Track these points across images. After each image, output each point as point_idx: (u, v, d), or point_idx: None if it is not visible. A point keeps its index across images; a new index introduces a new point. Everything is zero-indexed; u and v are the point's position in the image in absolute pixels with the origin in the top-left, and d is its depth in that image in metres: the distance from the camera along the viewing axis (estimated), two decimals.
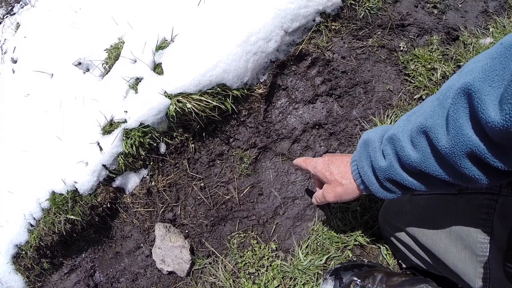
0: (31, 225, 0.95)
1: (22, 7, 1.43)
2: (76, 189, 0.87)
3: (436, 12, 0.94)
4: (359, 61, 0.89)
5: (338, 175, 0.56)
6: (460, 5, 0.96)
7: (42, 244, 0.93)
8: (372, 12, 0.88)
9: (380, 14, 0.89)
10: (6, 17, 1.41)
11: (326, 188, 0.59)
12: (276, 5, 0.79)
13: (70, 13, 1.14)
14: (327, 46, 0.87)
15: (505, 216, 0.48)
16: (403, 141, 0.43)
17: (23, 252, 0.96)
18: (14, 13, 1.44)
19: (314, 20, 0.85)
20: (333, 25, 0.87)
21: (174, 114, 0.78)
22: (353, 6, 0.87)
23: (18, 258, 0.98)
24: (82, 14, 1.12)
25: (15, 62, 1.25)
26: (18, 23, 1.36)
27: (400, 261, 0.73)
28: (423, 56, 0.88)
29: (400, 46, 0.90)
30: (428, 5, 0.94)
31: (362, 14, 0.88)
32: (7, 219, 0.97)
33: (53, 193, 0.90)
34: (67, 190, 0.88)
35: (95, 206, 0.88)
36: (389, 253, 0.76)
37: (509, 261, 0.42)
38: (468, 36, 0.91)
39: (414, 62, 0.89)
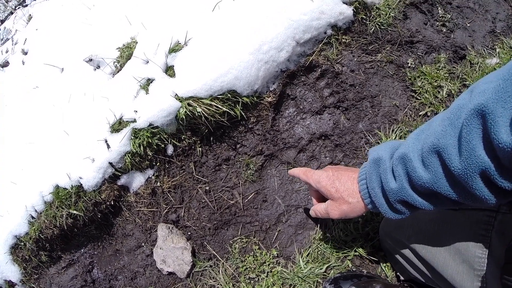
0: (32, 217, 0.95)
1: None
2: (81, 184, 0.87)
3: (444, 30, 0.96)
4: (367, 75, 0.91)
5: (344, 192, 0.54)
6: (468, 25, 0.98)
7: (42, 236, 0.93)
8: (382, 27, 0.90)
9: (390, 30, 0.91)
10: (18, 8, 1.41)
11: (331, 205, 0.57)
12: (289, 16, 0.81)
13: (84, 9, 1.15)
14: (336, 59, 0.89)
15: (503, 232, 0.50)
16: (414, 162, 0.43)
17: (22, 244, 0.96)
18: (27, 5, 1.44)
19: (325, 33, 0.87)
20: (343, 38, 0.88)
21: (184, 117, 0.79)
22: (364, 21, 0.89)
23: (16, 249, 0.98)
24: (96, 11, 1.13)
25: (25, 53, 1.26)
26: (30, 15, 1.37)
27: (398, 274, 0.75)
28: (430, 74, 0.90)
29: (408, 63, 0.92)
30: (437, 23, 0.96)
31: (373, 29, 0.89)
32: (8, 210, 0.97)
33: (57, 187, 0.90)
34: (72, 185, 0.88)
35: (98, 203, 0.89)
36: (388, 265, 0.77)
37: (507, 274, 0.43)
38: (475, 55, 0.93)
39: (421, 79, 0.91)
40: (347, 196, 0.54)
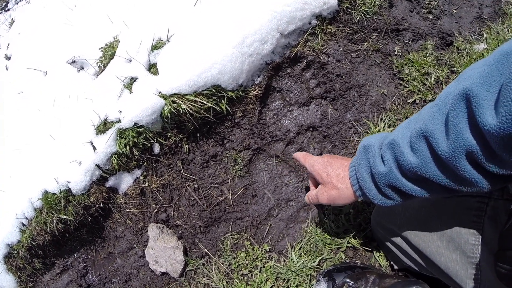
0: (23, 225, 0.94)
1: (17, 3, 1.42)
2: (69, 188, 0.86)
3: (431, 17, 0.95)
4: (354, 65, 0.90)
5: (334, 178, 0.55)
6: (455, 11, 0.97)
7: (34, 243, 0.92)
8: (367, 16, 0.89)
9: (375, 18, 0.90)
10: (1, 13, 1.39)
11: (320, 189, 0.58)
12: (272, 7, 0.80)
13: (65, 10, 1.13)
14: (322, 49, 0.88)
15: (496, 218, 0.49)
16: (403, 147, 0.43)
17: (15, 252, 0.95)
18: (9, 9, 1.42)
19: (310, 23, 0.86)
20: (328, 28, 0.87)
21: (169, 115, 0.78)
22: (349, 10, 0.88)
23: (9, 258, 0.97)
24: (77, 11, 1.11)
25: (8, 58, 1.24)
26: (12, 19, 1.35)
27: (392, 263, 0.74)
28: (418, 61, 0.89)
29: (395, 51, 0.91)
30: (423, 10, 0.95)
31: (358, 18, 0.88)
32: None
33: (46, 192, 0.89)
34: (60, 190, 0.87)
35: (88, 206, 0.88)
36: (381, 255, 0.77)
37: (501, 261, 0.43)
38: (462, 41, 0.92)
39: (409, 66, 0.90)
40: (336, 181, 0.55)
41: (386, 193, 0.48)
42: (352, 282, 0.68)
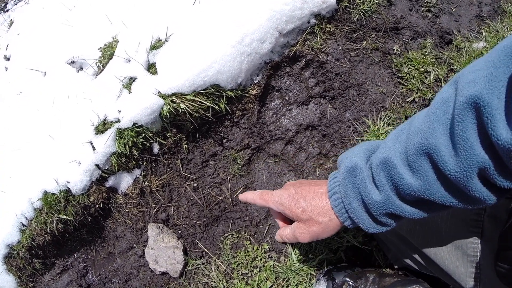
0: (23, 225, 0.94)
1: (16, 4, 1.42)
2: (69, 188, 0.86)
3: (430, 16, 0.95)
4: (353, 64, 0.90)
5: (313, 212, 0.45)
6: (454, 9, 0.97)
7: (34, 244, 0.92)
8: (366, 15, 0.89)
9: (374, 17, 0.90)
10: (0, 13, 1.39)
11: (298, 228, 0.48)
12: (271, 7, 0.79)
13: (64, 10, 1.13)
14: (321, 48, 0.88)
15: (496, 216, 0.48)
16: (399, 167, 0.37)
17: (15, 252, 0.95)
18: (8, 10, 1.42)
19: (308, 22, 0.85)
20: (327, 27, 0.87)
21: (168, 114, 0.78)
22: (348, 9, 0.88)
23: (10, 258, 0.97)
24: (76, 12, 1.11)
25: (8, 59, 1.24)
26: (11, 20, 1.35)
27: (392, 262, 0.74)
28: (417, 59, 0.89)
29: (394, 49, 0.91)
30: (422, 8, 0.95)
31: (357, 17, 0.88)
32: None
33: (46, 192, 0.89)
34: (60, 190, 0.87)
35: (87, 206, 0.88)
36: (381, 254, 0.77)
37: (501, 261, 0.42)
38: (462, 40, 0.92)
39: (408, 65, 0.90)
40: (316, 215, 0.45)
41: (383, 221, 0.42)
42: (352, 281, 0.68)
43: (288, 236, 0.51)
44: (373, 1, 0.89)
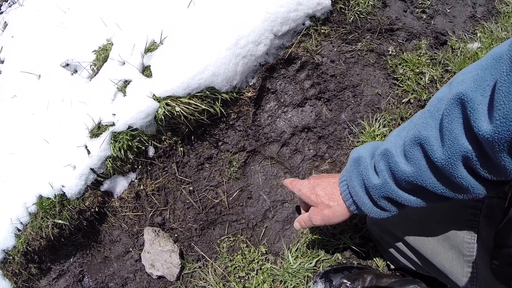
0: (18, 230, 0.93)
1: (10, 6, 1.41)
2: (64, 193, 0.86)
3: (424, 17, 0.95)
4: (348, 65, 0.90)
5: (325, 197, 0.53)
6: (448, 11, 0.97)
7: (29, 249, 0.92)
8: (361, 16, 0.89)
9: (369, 19, 0.90)
10: None
11: (312, 211, 0.56)
12: (266, 8, 0.79)
13: (59, 13, 1.12)
14: (316, 50, 0.88)
15: (491, 216, 0.49)
16: (396, 156, 0.42)
17: (10, 257, 0.95)
18: (2, 12, 1.41)
19: (303, 24, 0.85)
20: (322, 29, 0.87)
21: (163, 118, 0.78)
22: (343, 10, 0.88)
23: (5, 264, 0.97)
24: (71, 14, 1.10)
25: (2, 62, 1.23)
26: (5, 22, 1.34)
27: (389, 263, 0.74)
28: (412, 61, 0.89)
29: (389, 50, 0.91)
30: (417, 10, 0.95)
31: (352, 18, 0.88)
32: None
33: (41, 197, 0.88)
34: (55, 194, 0.86)
35: (83, 210, 0.87)
36: (378, 255, 0.77)
37: (496, 259, 0.42)
38: (456, 40, 0.93)
39: (403, 66, 0.90)
40: (327, 200, 0.53)
41: (382, 206, 0.46)
42: (349, 282, 0.68)
43: (304, 219, 0.59)
44: (368, 2, 0.89)
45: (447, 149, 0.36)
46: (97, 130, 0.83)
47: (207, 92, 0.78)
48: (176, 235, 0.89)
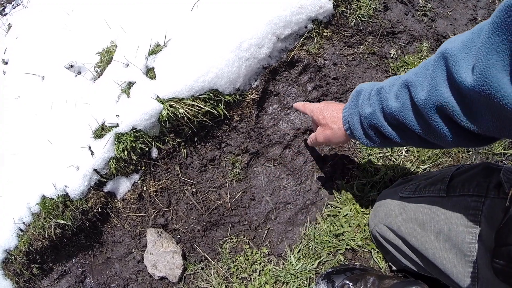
0: (21, 230, 0.94)
1: (14, 8, 1.42)
2: (67, 193, 0.86)
3: (426, 20, 0.96)
4: (350, 68, 0.90)
5: (329, 119, 0.62)
6: (449, 13, 0.98)
7: (31, 249, 0.92)
8: (363, 19, 0.90)
9: (371, 22, 0.91)
10: None
11: (318, 130, 0.66)
12: (269, 12, 0.80)
13: (63, 15, 1.13)
14: (318, 53, 0.89)
15: (492, 217, 0.49)
16: (388, 93, 0.49)
17: (12, 257, 0.95)
18: (6, 14, 1.42)
19: (306, 27, 0.86)
20: (324, 32, 0.88)
21: (166, 119, 0.78)
22: (345, 14, 0.89)
23: (7, 263, 0.97)
24: (75, 16, 1.11)
25: (6, 63, 1.24)
26: (9, 24, 1.35)
27: (391, 264, 0.74)
28: (413, 63, 0.90)
29: (391, 53, 0.92)
30: (418, 13, 0.96)
31: (354, 22, 0.89)
32: None
33: (44, 197, 0.89)
34: (58, 195, 0.87)
35: (86, 211, 0.87)
36: (380, 257, 0.77)
37: (496, 257, 0.43)
38: None
39: (404, 69, 0.91)
40: (331, 122, 0.62)
41: (369, 134, 0.53)
42: (351, 283, 0.68)
43: (312, 137, 0.70)
44: (370, 5, 0.90)
45: (427, 92, 0.41)
46: (100, 131, 0.83)
47: (211, 94, 0.79)
48: (178, 236, 0.90)
